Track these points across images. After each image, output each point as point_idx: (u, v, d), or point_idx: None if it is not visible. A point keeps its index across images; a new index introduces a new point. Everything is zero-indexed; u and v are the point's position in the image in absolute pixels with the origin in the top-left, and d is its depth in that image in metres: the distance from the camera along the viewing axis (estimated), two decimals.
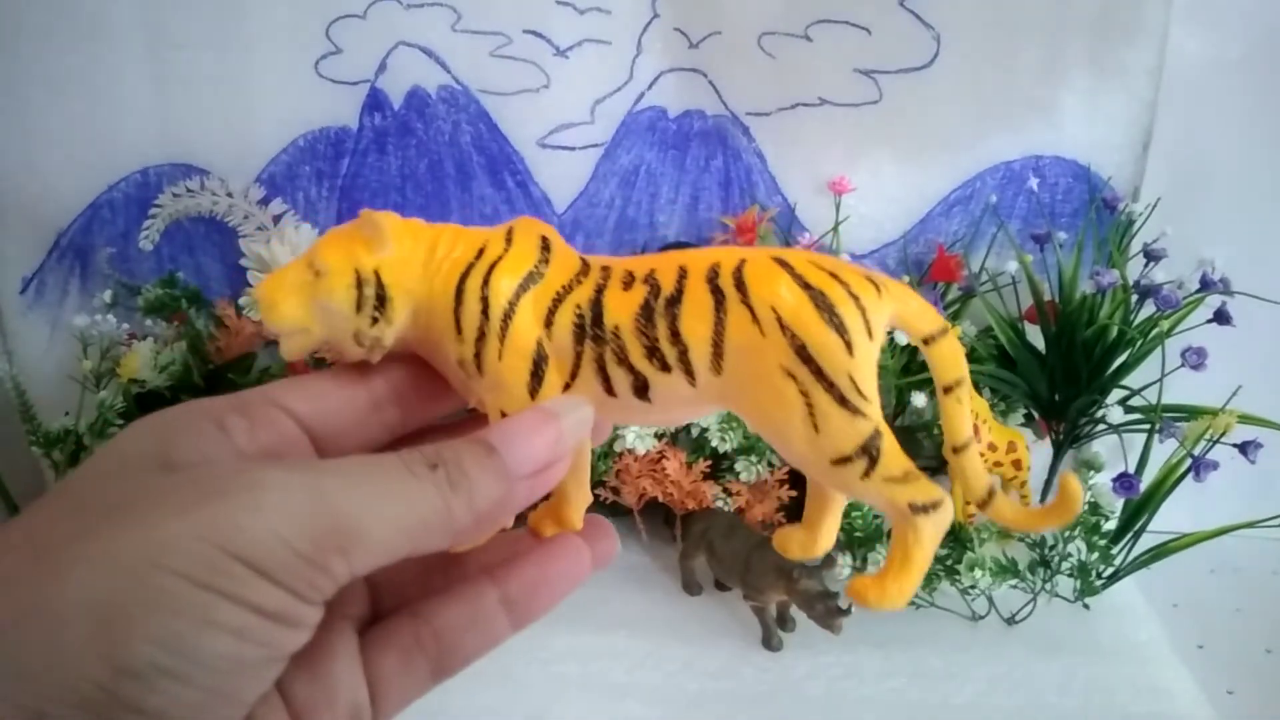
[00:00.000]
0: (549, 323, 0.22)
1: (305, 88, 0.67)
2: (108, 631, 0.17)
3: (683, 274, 0.22)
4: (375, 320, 0.22)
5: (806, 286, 0.21)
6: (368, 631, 0.23)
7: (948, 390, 0.22)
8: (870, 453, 0.21)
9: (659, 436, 0.62)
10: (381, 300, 0.22)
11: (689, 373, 0.21)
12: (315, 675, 0.21)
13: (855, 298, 0.21)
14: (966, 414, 0.22)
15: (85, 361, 0.66)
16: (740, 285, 0.21)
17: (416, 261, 0.22)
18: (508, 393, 0.22)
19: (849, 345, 0.21)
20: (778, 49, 0.67)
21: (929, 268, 0.70)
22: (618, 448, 0.61)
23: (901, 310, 0.22)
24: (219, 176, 0.68)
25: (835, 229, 0.70)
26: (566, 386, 0.23)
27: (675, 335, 0.21)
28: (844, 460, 0.21)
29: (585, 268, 0.23)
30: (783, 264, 0.21)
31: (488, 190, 0.71)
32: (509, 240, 0.23)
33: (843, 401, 0.21)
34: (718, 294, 0.21)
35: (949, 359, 0.22)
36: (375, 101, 0.69)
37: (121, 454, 0.21)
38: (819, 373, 0.21)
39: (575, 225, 0.72)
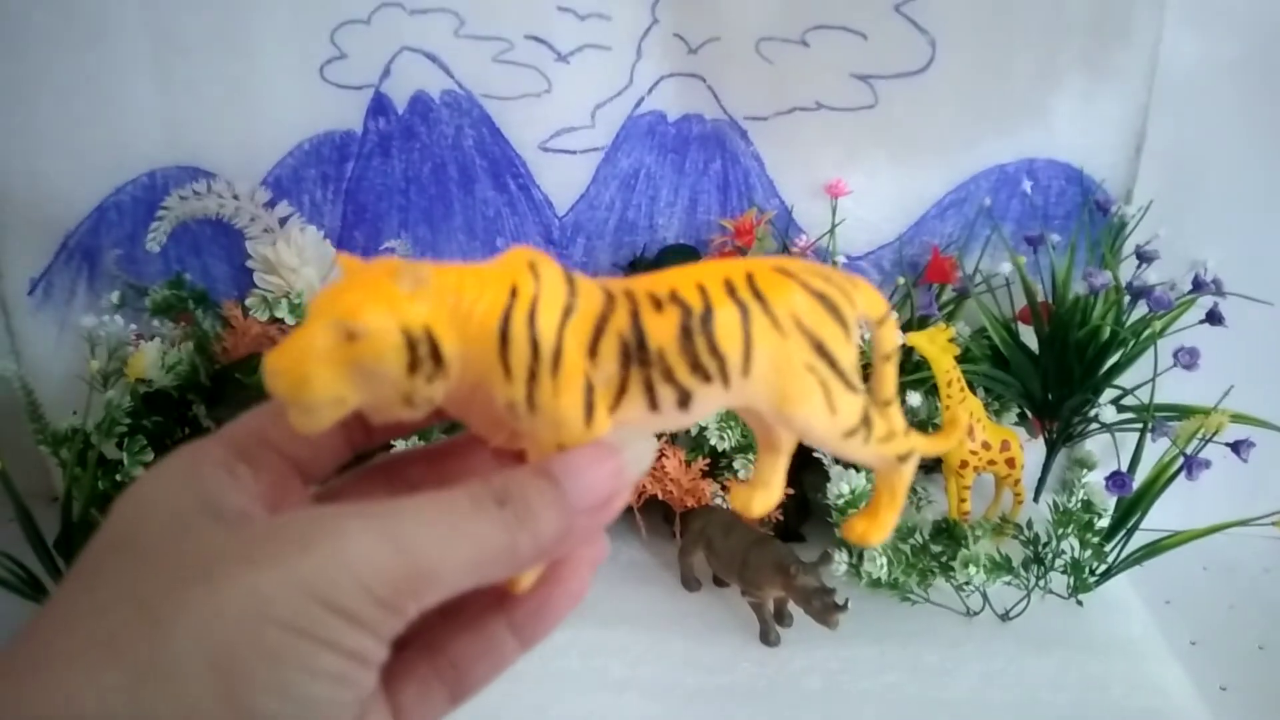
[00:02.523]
0: (593, 352, 0.22)
1: (310, 92, 0.68)
2: (228, 683, 0.17)
3: (704, 291, 0.23)
4: (431, 379, 0.21)
5: (813, 292, 0.24)
6: (386, 666, 0.23)
7: (886, 358, 0.26)
8: (867, 422, 0.25)
9: (658, 435, 0.62)
10: (437, 356, 0.21)
11: (725, 380, 0.23)
12: None
13: (847, 296, 0.24)
14: (895, 376, 0.26)
15: (93, 362, 0.66)
16: (759, 296, 0.23)
17: (446, 309, 0.21)
18: (566, 428, 0.22)
19: (848, 336, 0.24)
20: (775, 54, 0.68)
21: (924, 269, 0.71)
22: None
23: (866, 301, 0.25)
24: (225, 179, 0.69)
25: (832, 231, 0.71)
26: (611, 410, 0.23)
27: (714, 349, 0.23)
28: (852, 433, 0.24)
29: (610, 295, 0.23)
30: (786, 273, 0.24)
31: (490, 193, 0.72)
32: (536, 276, 0.22)
33: (849, 385, 0.24)
34: (742, 307, 0.23)
35: (890, 335, 0.26)
36: (379, 106, 0.69)
37: (163, 505, 0.21)
38: (833, 364, 0.24)
39: (576, 228, 0.73)
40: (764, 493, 0.27)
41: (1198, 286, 0.65)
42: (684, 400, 0.23)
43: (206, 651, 0.18)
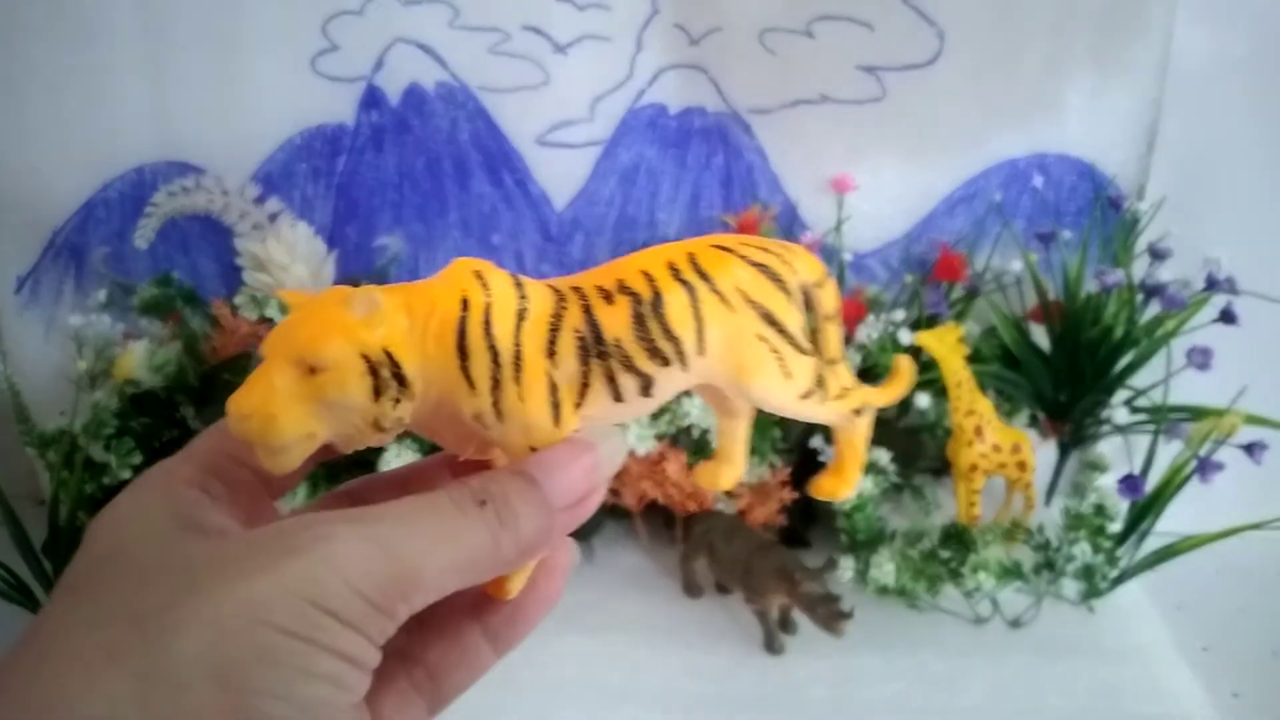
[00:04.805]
0: (551, 352, 0.23)
1: (302, 85, 0.67)
2: (227, 688, 0.18)
3: (649, 277, 0.23)
4: (398, 401, 0.21)
5: (754, 264, 0.24)
6: None
7: (829, 319, 0.26)
8: (821, 382, 0.25)
9: (659, 438, 0.61)
10: (401, 378, 0.21)
11: (683, 361, 0.23)
12: None
13: (787, 264, 0.25)
14: (840, 336, 0.27)
15: (80, 362, 0.65)
16: (703, 275, 0.24)
17: (401, 329, 0.22)
18: (535, 430, 0.23)
19: (792, 302, 0.25)
20: (779, 45, 0.67)
21: (933, 267, 0.70)
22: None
23: (803, 266, 0.25)
24: (215, 174, 0.68)
25: (838, 228, 0.70)
26: (577, 406, 0.23)
27: (668, 332, 0.23)
28: (808, 394, 0.25)
29: (559, 294, 0.23)
30: (726, 249, 0.24)
31: (486, 188, 0.70)
32: (484, 284, 0.23)
33: (799, 349, 0.25)
34: (688, 287, 0.23)
35: (830, 297, 0.26)
36: (372, 99, 0.68)
37: (142, 522, 0.21)
38: (782, 331, 0.24)
39: (575, 224, 0.72)
40: (729, 467, 0.28)
41: (1211, 284, 0.64)
42: (646, 387, 0.23)
43: (208, 658, 0.18)
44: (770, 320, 0.24)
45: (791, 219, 0.71)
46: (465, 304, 0.22)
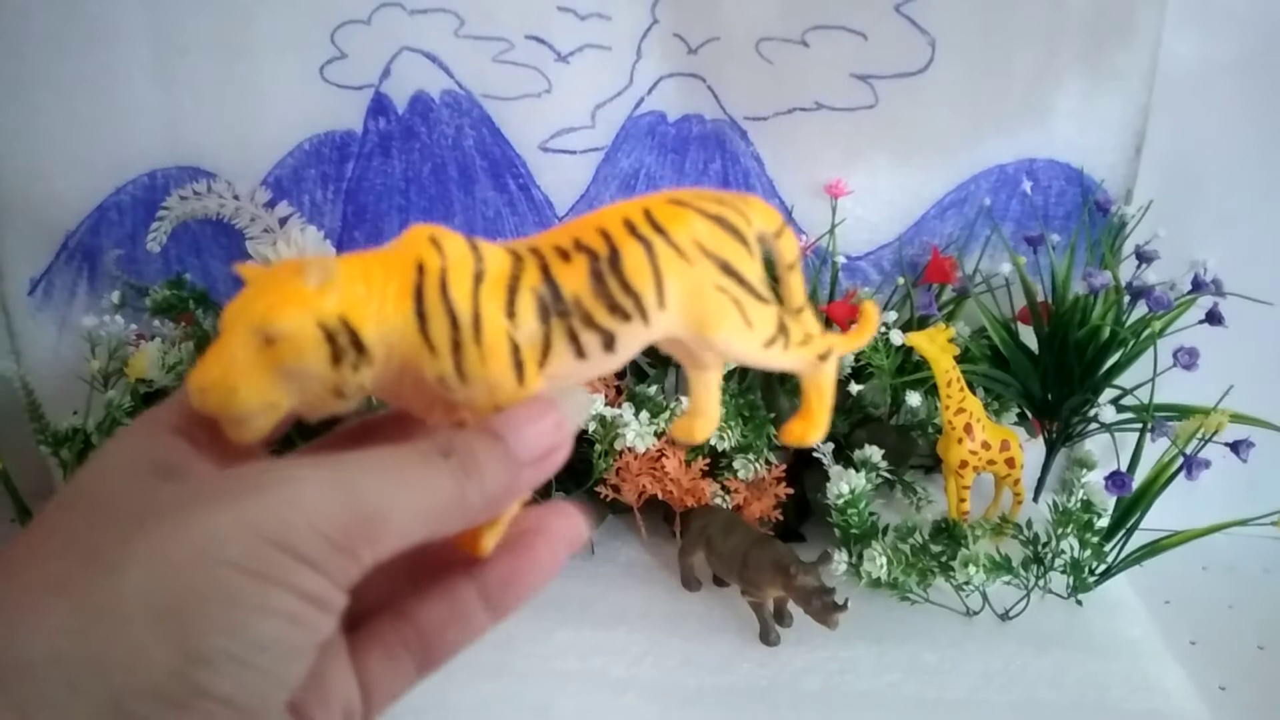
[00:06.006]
0: (511, 312, 0.23)
1: (311, 92, 0.68)
2: (174, 623, 0.18)
3: (605, 234, 0.23)
4: (356, 367, 0.21)
5: (710, 216, 0.24)
6: (353, 632, 0.23)
7: (790, 268, 0.27)
8: (784, 330, 0.25)
9: (659, 435, 0.62)
10: (359, 345, 0.21)
11: (644, 315, 0.23)
12: (310, 676, 0.21)
13: (742, 214, 0.25)
14: (802, 285, 0.27)
15: (93, 361, 0.66)
16: (659, 229, 0.24)
17: (358, 296, 0.22)
18: (499, 390, 0.23)
19: (751, 252, 0.25)
20: (775, 54, 0.68)
21: (924, 269, 0.71)
22: (618, 446, 0.62)
23: (760, 217, 0.25)
24: (226, 179, 0.69)
25: (831, 231, 0.71)
26: (541, 365, 0.23)
27: (626, 287, 0.23)
28: (771, 341, 0.25)
29: (516, 255, 0.23)
30: (680, 203, 0.24)
31: (490, 193, 0.72)
32: (439, 248, 0.23)
33: (760, 298, 0.25)
34: (644, 242, 0.23)
35: (789, 246, 0.26)
36: (380, 106, 0.69)
37: (118, 466, 0.21)
38: (741, 280, 0.24)
39: None
40: (703, 420, 0.28)
41: (1197, 286, 0.65)
42: (609, 343, 0.23)
43: (154, 594, 0.18)
44: (729, 270, 0.24)
45: (786, 223, 0.72)
46: (421, 268, 0.22)
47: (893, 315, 0.68)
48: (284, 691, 0.19)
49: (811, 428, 0.28)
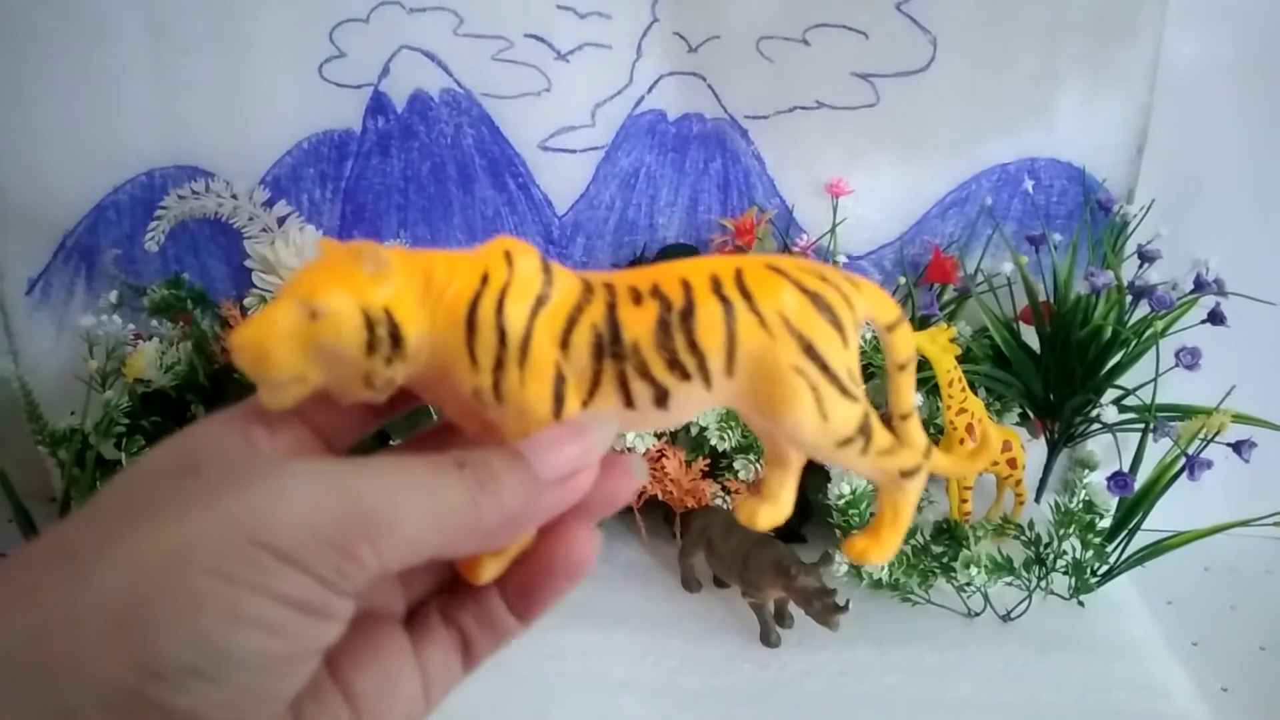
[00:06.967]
0: (565, 344, 0.22)
1: (309, 91, 0.68)
2: (128, 633, 0.17)
3: (687, 286, 0.22)
4: (390, 361, 0.21)
5: (805, 291, 0.23)
6: (414, 629, 0.23)
7: (901, 368, 0.25)
8: (866, 432, 0.23)
9: (658, 436, 0.62)
10: (396, 340, 0.21)
11: (706, 379, 0.22)
12: (377, 670, 0.21)
13: (845, 297, 0.23)
14: (913, 386, 0.25)
15: (91, 361, 0.66)
16: (746, 294, 0.22)
17: (415, 293, 0.21)
18: (533, 416, 0.22)
19: (845, 340, 0.23)
20: (776, 53, 0.68)
21: (925, 269, 0.71)
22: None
23: (871, 304, 0.24)
24: (224, 179, 0.69)
25: (832, 231, 0.71)
26: (585, 404, 0.22)
27: (693, 345, 0.22)
28: (847, 441, 0.23)
29: (588, 286, 0.23)
30: (778, 270, 0.23)
31: (489, 192, 0.72)
32: (510, 264, 0.22)
33: (844, 391, 0.23)
34: (726, 303, 0.22)
35: (904, 342, 0.24)
36: (378, 105, 0.69)
37: (147, 466, 0.21)
38: (824, 367, 0.22)
39: (576, 227, 0.73)
40: (771, 507, 0.26)
41: (1199, 286, 0.65)
42: (661, 398, 0.22)
43: (113, 599, 0.17)
44: (811, 353, 0.22)
45: (788, 222, 0.72)
46: (485, 279, 0.22)
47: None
48: (268, 708, 0.18)
49: (876, 548, 0.25)
